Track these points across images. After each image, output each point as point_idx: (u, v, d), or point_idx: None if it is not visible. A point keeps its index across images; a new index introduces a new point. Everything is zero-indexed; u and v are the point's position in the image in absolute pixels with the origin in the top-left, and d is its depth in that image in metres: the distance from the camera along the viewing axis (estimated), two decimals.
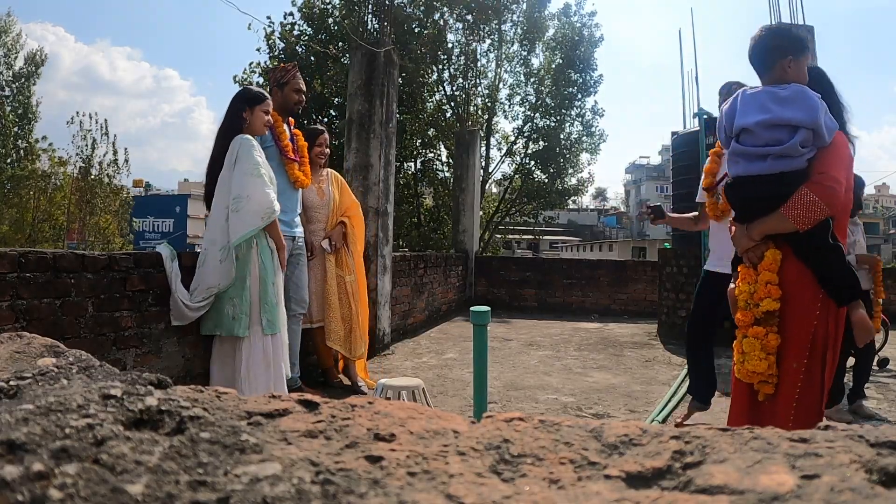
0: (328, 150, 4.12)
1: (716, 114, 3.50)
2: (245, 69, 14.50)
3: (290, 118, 3.73)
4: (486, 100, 14.79)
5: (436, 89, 14.44)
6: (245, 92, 3.12)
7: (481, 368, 2.52)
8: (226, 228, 2.84)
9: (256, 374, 2.89)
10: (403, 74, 11.66)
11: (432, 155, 14.89)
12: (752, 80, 2.38)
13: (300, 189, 3.69)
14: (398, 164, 12.75)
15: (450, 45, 14.22)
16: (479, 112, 14.66)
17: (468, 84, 14.42)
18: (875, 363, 5.05)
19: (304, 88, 3.78)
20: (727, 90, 3.17)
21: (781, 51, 1.95)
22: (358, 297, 4.03)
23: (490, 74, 14.90)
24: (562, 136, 14.74)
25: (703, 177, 3.24)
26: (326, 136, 4.12)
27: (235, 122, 3.00)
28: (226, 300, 2.90)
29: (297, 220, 3.71)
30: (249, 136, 2.95)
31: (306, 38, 14.00)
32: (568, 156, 14.96)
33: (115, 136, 18.48)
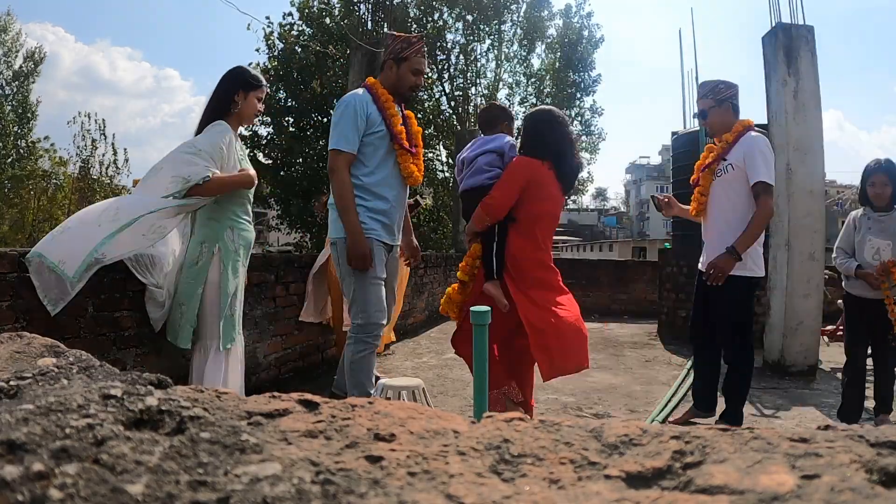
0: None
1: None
2: None
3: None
4: (486, 99, 14.79)
5: (435, 89, 14.45)
6: (241, 73, 2.71)
7: (481, 368, 2.52)
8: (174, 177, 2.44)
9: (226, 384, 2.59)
10: None
11: (432, 155, 14.91)
12: (750, 82, 2.39)
13: (409, 187, 2.99)
14: None
15: (449, 45, 14.23)
16: (479, 112, 14.68)
17: (467, 84, 14.44)
18: None
19: (425, 70, 3.05)
20: (712, 87, 3.08)
21: (504, 118, 2.88)
22: (395, 295, 3.99)
23: (490, 74, 14.92)
24: None
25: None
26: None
27: (224, 104, 2.64)
28: (175, 305, 2.61)
29: (401, 224, 3.01)
30: (227, 125, 2.60)
31: (305, 38, 14.00)
32: None
33: (113, 135, 18.48)
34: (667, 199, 3.38)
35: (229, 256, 2.60)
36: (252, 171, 2.71)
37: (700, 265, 3.18)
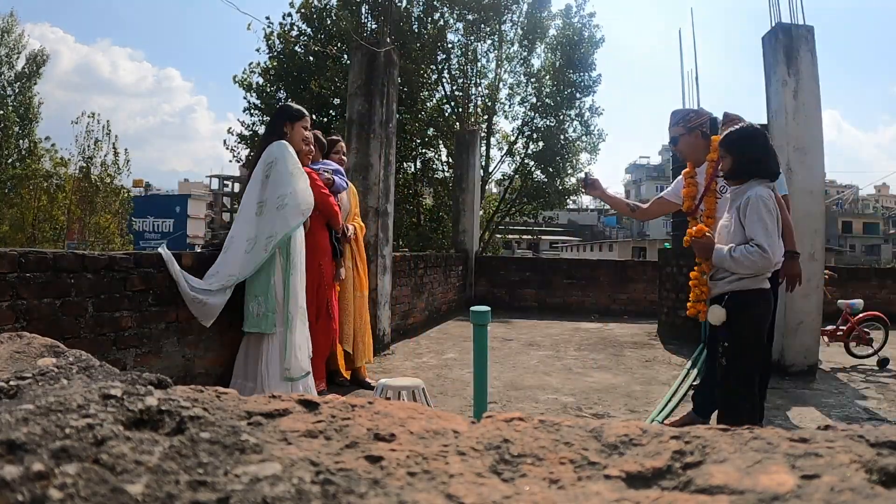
0: (345, 157, 4.35)
1: (716, 113, 3.47)
2: (245, 69, 14.51)
3: None
4: (486, 99, 14.78)
5: (435, 89, 14.44)
6: (286, 107, 3.41)
7: (481, 368, 2.52)
8: (255, 222, 3.00)
9: (275, 371, 3.02)
10: (404, 75, 11.65)
11: (432, 155, 14.91)
12: (750, 82, 2.40)
13: None
14: (398, 163, 12.75)
15: (450, 45, 14.22)
16: (479, 112, 14.67)
17: (468, 84, 14.42)
18: (876, 363, 5.05)
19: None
20: (683, 115, 3.21)
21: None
22: (364, 312, 4.30)
23: (490, 74, 14.91)
24: (561, 137, 14.75)
25: (682, 201, 3.26)
26: (343, 144, 4.30)
27: (277, 132, 3.21)
28: (251, 298, 3.04)
29: None
30: (286, 143, 3.12)
31: (305, 38, 14.00)
32: (567, 155, 14.96)
33: (115, 136, 18.53)
34: (593, 181, 3.40)
35: (289, 254, 3.06)
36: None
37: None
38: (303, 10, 13.89)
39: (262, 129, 14.94)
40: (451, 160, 13.22)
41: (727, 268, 2.51)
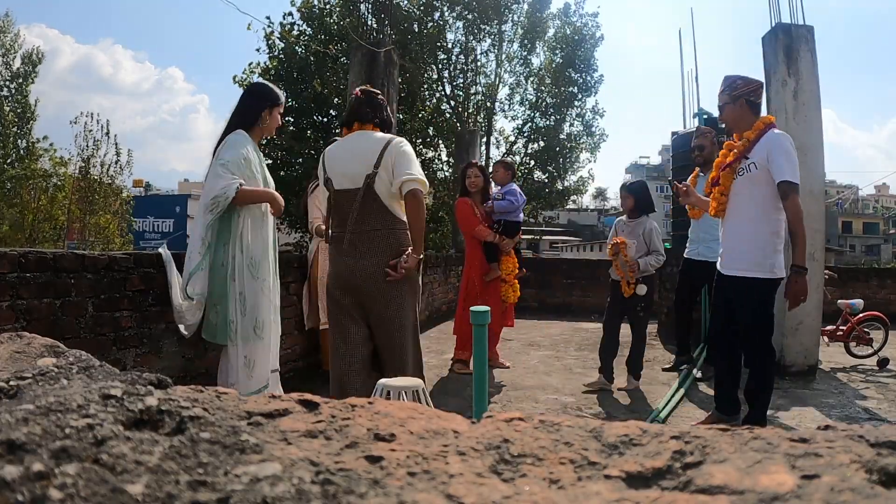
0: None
1: (716, 113, 3.42)
2: (245, 69, 14.51)
3: None
4: (486, 99, 14.79)
5: (435, 89, 14.45)
6: (268, 90, 2.89)
7: (481, 368, 2.52)
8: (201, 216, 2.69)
9: (238, 380, 2.73)
10: (404, 74, 11.65)
11: (432, 154, 14.91)
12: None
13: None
14: None
15: (450, 45, 14.23)
16: (479, 111, 14.67)
17: (467, 83, 14.43)
18: (876, 363, 5.05)
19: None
20: (730, 83, 3.00)
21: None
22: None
23: (490, 74, 14.91)
24: (562, 136, 14.75)
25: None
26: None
27: (250, 118, 2.80)
28: (210, 306, 2.76)
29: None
30: (244, 132, 2.78)
31: (306, 38, 14.01)
32: (568, 155, 14.96)
33: (115, 135, 18.50)
34: (685, 189, 3.28)
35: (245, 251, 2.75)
36: (278, 197, 2.92)
37: (719, 266, 3.09)
38: (303, 10, 13.89)
39: None
40: (450, 159, 13.21)
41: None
